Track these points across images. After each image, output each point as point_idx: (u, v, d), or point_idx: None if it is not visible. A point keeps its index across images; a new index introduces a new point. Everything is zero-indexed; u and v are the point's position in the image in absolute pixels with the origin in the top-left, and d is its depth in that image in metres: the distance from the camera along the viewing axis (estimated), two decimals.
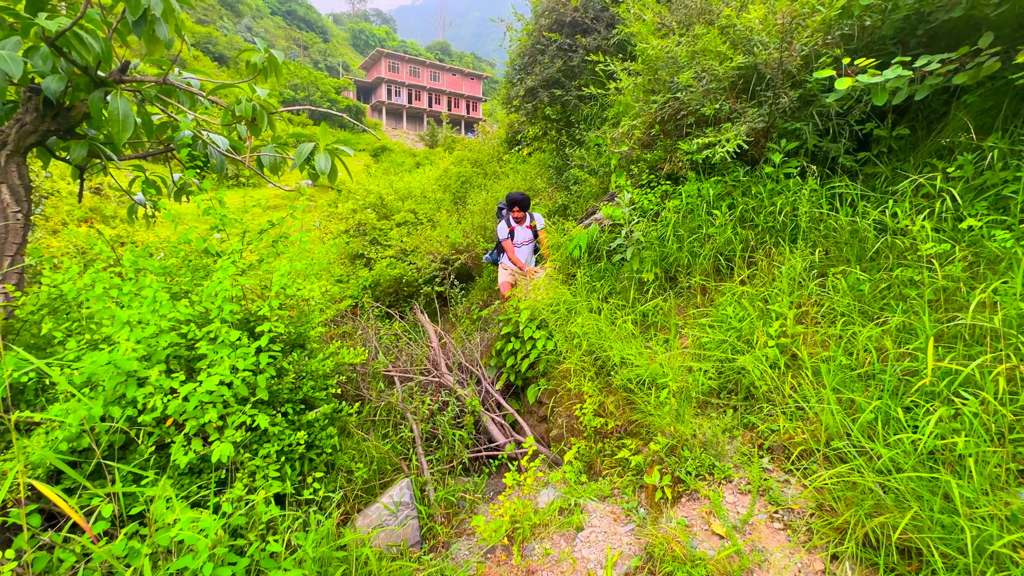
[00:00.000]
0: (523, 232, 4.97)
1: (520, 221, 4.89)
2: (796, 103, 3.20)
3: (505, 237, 4.88)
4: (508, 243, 4.87)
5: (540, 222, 5.03)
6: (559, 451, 3.49)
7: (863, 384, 1.99)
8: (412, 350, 3.87)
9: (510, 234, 4.90)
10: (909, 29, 3.13)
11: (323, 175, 2.78)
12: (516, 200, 4.81)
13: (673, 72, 3.87)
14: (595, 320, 3.39)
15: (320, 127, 2.70)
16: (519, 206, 4.81)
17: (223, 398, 1.92)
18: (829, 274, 2.50)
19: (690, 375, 2.51)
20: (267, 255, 2.57)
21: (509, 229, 4.88)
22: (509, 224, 4.88)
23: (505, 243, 4.87)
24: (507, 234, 4.88)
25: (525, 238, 4.99)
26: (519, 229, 4.94)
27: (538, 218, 5.02)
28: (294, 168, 2.86)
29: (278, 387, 2.23)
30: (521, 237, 4.97)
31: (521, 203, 4.80)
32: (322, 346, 2.72)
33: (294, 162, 2.78)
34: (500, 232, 4.88)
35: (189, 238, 2.49)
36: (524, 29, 7.34)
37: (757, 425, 2.15)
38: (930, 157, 2.87)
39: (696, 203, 3.42)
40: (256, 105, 2.45)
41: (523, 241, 4.98)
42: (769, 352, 2.26)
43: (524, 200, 4.81)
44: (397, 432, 3.01)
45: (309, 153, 2.80)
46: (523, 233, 4.97)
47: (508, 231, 4.88)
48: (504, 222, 4.88)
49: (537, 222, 5.00)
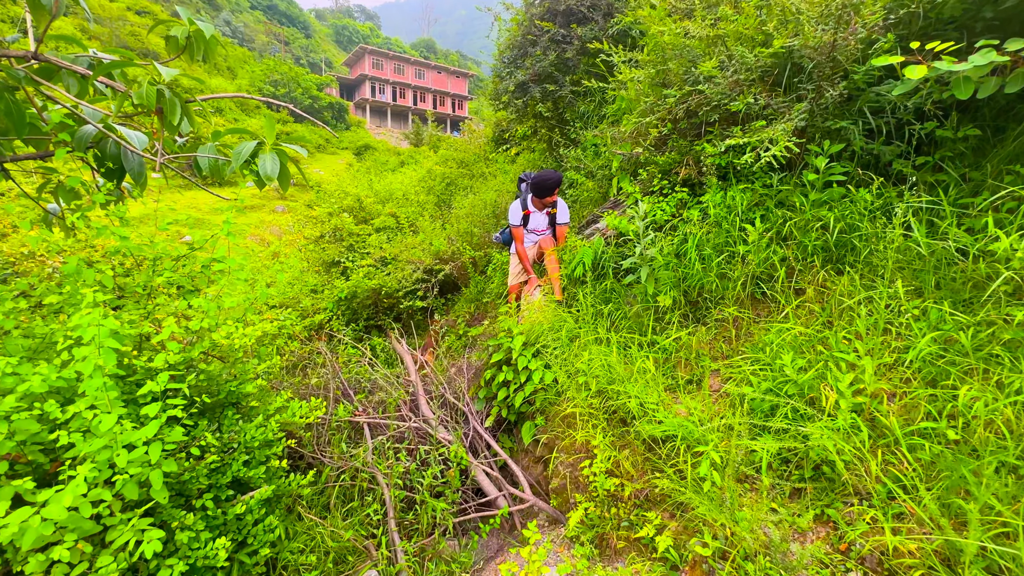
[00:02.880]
0: (539, 218, 4.00)
1: (543, 206, 3.94)
2: (842, 97, 2.69)
3: (518, 223, 3.95)
4: (519, 231, 3.96)
5: (563, 211, 4.00)
6: (562, 505, 2.94)
7: (989, 468, 1.47)
8: (386, 390, 3.27)
9: (523, 219, 3.97)
10: (974, 11, 2.64)
11: (269, 180, 2.18)
12: (551, 183, 3.74)
13: (687, 63, 3.34)
14: (604, 354, 2.85)
15: (266, 118, 2.11)
16: (559, 188, 3.83)
17: (99, 511, 1.33)
18: (904, 310, 1.99)
19: (734, 438, 1.97)
20: (184, 289, 1.95)
21: (524, 213, 3.94)
22: (525, 207, 3.95)
23: (516, 231, 3.96)
24: (520, 219, 3.95)
25: (540, 225, 4.04)
26: (536, 215, 3.98)
27: (561, 206, 3.99)
28: (232, 172, 2.27)
29: (191, 475, 1.63)
30: (536, 223, 4.02)
31: (560, 185, 3.82)
32: (264, 402, 2.11)
33: (232, 164, 2.19)
34: (512, 215, 3.95)
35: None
36: (513, 19, 6.76)
37: (837, 522, 1.62)
38: (1010, 163, 2.38)
39: (723, 215, 2.89)
40: (164, 90, 1.84)
41: (537, 229, 4.05)
42: (844, 419, 1.73)
43: (558, 182, 3.79)
44: (364, 501, 2.42)
45: (251, 154, 2.21)
46: (539, 219, 4.01)
47: (522, 215, 3.95)
48: (519, 202, 3.97)
49: (559, 210, 3.99)
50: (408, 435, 2.99)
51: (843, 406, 1.75)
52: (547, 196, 3.80)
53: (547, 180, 3.75)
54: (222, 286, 1.98)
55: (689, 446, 2.14)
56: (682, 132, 3.45)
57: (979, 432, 1.56)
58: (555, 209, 3.97)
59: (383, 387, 3.28)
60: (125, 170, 2.40)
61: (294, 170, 2.32)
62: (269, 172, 2.17)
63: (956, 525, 1.42)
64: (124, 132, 2.27)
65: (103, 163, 2.37)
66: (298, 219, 9.83)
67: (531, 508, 3.02)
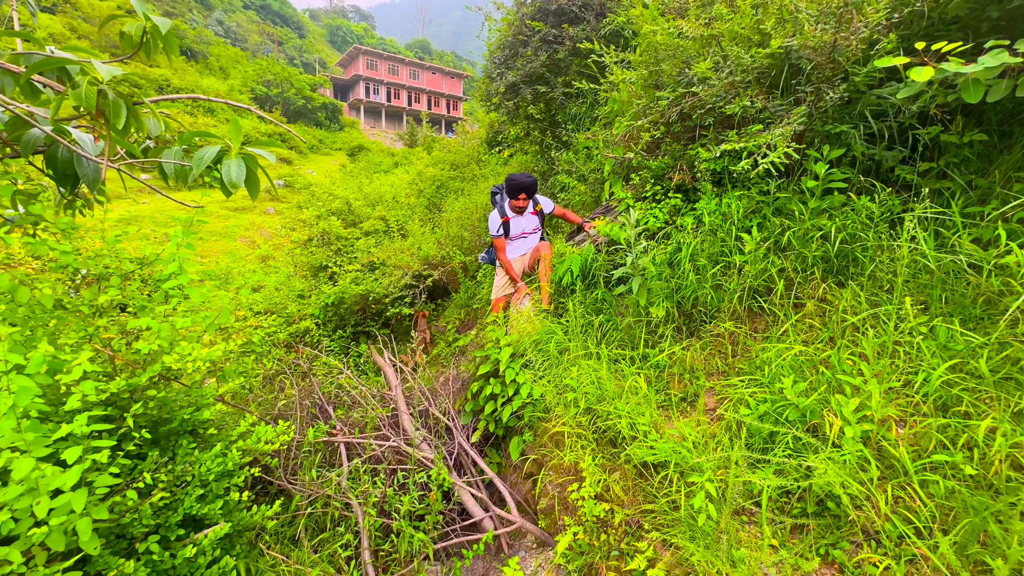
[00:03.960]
0: (524, 221, 3.85)
1: (521, 210, 3.79)
2: (842, 100, 2.57)
3: (497, 233, 3.81)
4: (501, 241, 3.84)
5: (548, 206, 3.90)
6: (550, 526, 2.80)
7: (1015, 511, 1.33)
8: (365, 407, 3.10)
9: (503, 227, 3.82)
10: (979, 11, 2.52)
11: (234, 187, 2.03)
12: (521, 185, 3.64)
13: (680, 63, 3.21)
14: (594, 369, 2.71)
15: (232, 122, 1.95)
16: (525, 192, 3.67)
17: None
18: (912, 328, 1.86)
19: (732, 468, 1.83)
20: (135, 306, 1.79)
21: (503, 220, 3.80)
22: (503, 214, 3.79)
23: (497, 241, 3.83)
24: (499, 229, 3.81)
25: (527, 228, 3.88)
26: (517, 220, 3.84)
27: (544, 201, 3.90)
28: (193, 180, 2.13)
29: (132, 516, 1.47)
30: (521, 228, 3.86)
31: (528, 188, 3.67)
32: (225, 428, 1.94)
33: (192, 171, 2.03)
34: (491, 226, 3.84)
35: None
36: (504, 19, 6.62)
37: (845, 564, 1.48)
38: (1018, 170, 2.26)
39: (718, 222, 2.76)
40: (107, 91, 1.68)
41: (524, 232, 3.89)
42: (850, 450, 1.59)
43: (531, 185, 3.68)
44: (336, 533, 2.26)
45: (213, 159, 2.05)
46: (524, 222, 3.85)
47: (500, 223, 3.80)
48: (497, 211, 3.83)
49: (544, 206, 3.89)
50: (387, 455, 2.84)
51: (848, 434, 1.61)
52: (527, 197, 3.72)
53: (522, 182, 3.66)
54: (175, 304, 1.81)
55: (683, 473, 2.00)
56: (675, 136, 3.32)
57: (996, 466, 1.43)
58: (539, 206, 3.88)
59: (362, 403, 3.12)
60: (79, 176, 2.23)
61: (263, 178, 2.17)
62: (234, 178, 2.00)
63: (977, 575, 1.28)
64: (77, 136, 2.11)
65: (54, 168, 2.21)
66: (286, 222, 9.63)
67: (518, 530, 2.87)
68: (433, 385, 3.85)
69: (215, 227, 15.76)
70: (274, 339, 4.90)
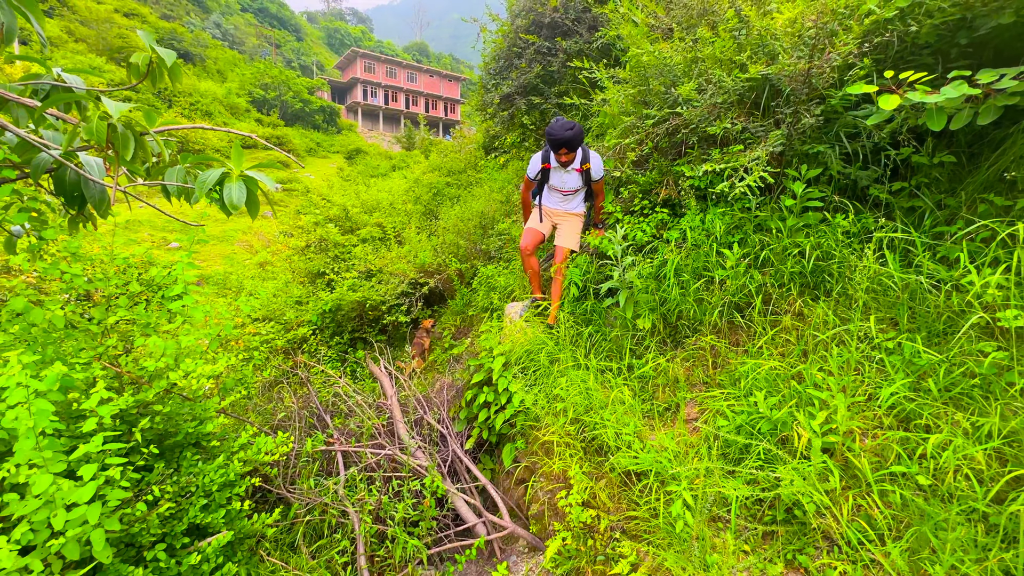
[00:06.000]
0: (567, 177, 3.42)
1: (565, 165, 3.35)
2: (819, 122, 2.68)
3: (531, 175, 3.49)
4: (527, 181, 3.57)
5: (598, 170, 3.40)
6: (541, 531, 2.90)
7: (959, 519, 1.44)
8: (361, 416, 3.20)
9: (541, 173, 3.44)
10: (949, 37, 2.65)
11: (235, 208, 2.13)
12: (559, 140, 3.14)
13: (668, 82, 3.32)
14: (582, 380, 2.81)
15: (233, 147, 2.05)
16: (566, 147, 3.18)
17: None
18: (878, 343, 1.97)
19: (703, 477, 1.94)
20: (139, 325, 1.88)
21: (542, 167, 3.42)
22: (545, 160, 3.40)
23: (525, 179, 3.57)
24: (536, 171, 3.45)
25: (568, 185, 3.46)
26: (558, 173, 3.41)
27: (595, 163, 3.37)
28: (196, 201, 2.22)
29: (141, 526, 1.57)
30: (559, 182, 3.46)
31: (569, 143, 3.16)
32: (227, 440, 2.04)
33: (195, 194, 2.13)
34: (530, 166, 3.49)
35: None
36: (499, 31, 6.75)
37: (809, 568, 1.59)
38: (984, 192, 2.38)
39: (701, 238, 2.87)
40: (116, 125, 1.77)
41: (563, 188, 3.49)
42: (815, 461, 1.70)
43: (571, 139, 3.14)
44: (333, 539, 2.36)
45: (215, 182, 2.15)
46: (566, 178, 3.43)
47: (540, 169, 3.43)
48: (541, 153, 3.44)
49: (593, 168, 3.38)
50: (383, 463, 2.93)
51: (815, 445, 1.72)
52: (569, 152, 3.24)
53: (551, 134, 3.19)
54: (180, 324, 1.91)
55: (663, 482, 2.10)
56: (663, 152, 3.43)
57: (948, 478, 1.53)
58: (587, 164, 3.36)
59: (358, 413, 3.22)
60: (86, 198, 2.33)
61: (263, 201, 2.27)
62: (235, 201, 2.10)
63: None
64: (84, 159, 2.21)
65: (62, 191, 2.31)
66: (284, 227, 9.72)
67: (510, 535, 2.97)
68: (428, 393, 3.95)
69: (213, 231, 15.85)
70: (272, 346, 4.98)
